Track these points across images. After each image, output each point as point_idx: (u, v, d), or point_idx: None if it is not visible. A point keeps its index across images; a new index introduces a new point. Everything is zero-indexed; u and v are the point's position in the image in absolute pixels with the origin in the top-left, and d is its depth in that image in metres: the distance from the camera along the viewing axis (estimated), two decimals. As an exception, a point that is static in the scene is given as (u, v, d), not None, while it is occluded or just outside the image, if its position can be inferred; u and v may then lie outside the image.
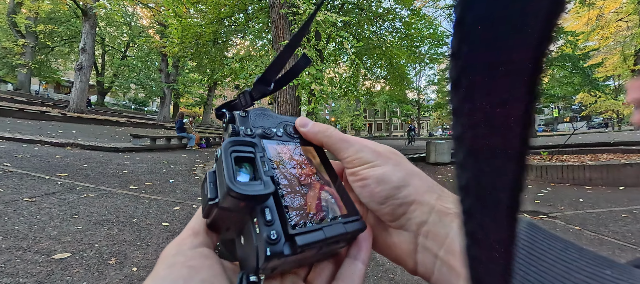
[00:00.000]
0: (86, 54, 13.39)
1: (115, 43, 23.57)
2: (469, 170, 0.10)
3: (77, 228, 2.27)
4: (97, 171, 4.21)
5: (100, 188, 3.39)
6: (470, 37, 0.08)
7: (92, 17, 13.43)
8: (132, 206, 2.90)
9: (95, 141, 7.07)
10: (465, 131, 0.09)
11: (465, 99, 0.09)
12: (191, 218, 0.23)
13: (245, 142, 0.22)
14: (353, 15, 9.11)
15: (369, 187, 0.25)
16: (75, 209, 2.64)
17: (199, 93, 28.54)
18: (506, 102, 0.08)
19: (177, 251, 0.20)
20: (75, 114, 12.54)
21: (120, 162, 5.09)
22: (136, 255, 1.94)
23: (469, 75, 0.09)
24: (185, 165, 5.68)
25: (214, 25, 8.37)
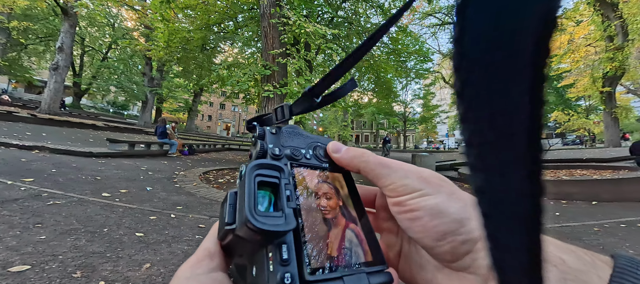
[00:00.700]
0: (63, 54, 12.78)
1: (96, 44, 22.69)
2: (480, 173, 0.10)
3: (40, 237, 2.08)
4: (67, 177, 3.93)
5: (70, 195, 3.16)
6: (469, 53, 0.09)
7: (72, 16, 12.92)
8: (104, 214, 2.71)
9: (67, 144, 6.65)
10: (472, 137, 0.10)
11: (469, 108, 0.10)
12: (205, 237, 0.22)
13: (271, 166, 0.21)
14: (342, 29, 9.34)
15: (421, 221, 0.21)
16: (39, 218, 2.43)
17: (183, 98, 27.86)
18: (510, 108, 0.09)
19: (191, 274, 0.19)
20: (47, 116, 11.80)
21: (94, 168, 4.80)
22: (105, 268, 1.79)
23: (471, 86, 0.09)
24: (165, 172, 5.43)
25: (203, 32, 8.29)
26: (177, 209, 3.20)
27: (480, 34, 0.08)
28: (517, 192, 0.10)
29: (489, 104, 0.09)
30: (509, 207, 0.10)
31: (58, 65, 12.72)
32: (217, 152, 12.51)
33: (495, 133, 0.09)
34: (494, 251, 0.11)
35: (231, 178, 5.70)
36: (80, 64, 23.08)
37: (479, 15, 0.08)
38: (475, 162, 0.10)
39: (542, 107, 0.09)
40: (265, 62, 5.61)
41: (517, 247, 0.10)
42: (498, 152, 0.10)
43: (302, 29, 5.11)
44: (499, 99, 0.09)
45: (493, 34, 0.08)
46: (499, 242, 0.11)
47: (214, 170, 6.49)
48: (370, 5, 9.91)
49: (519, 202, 0.10)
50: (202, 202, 3.62)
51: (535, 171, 0.09)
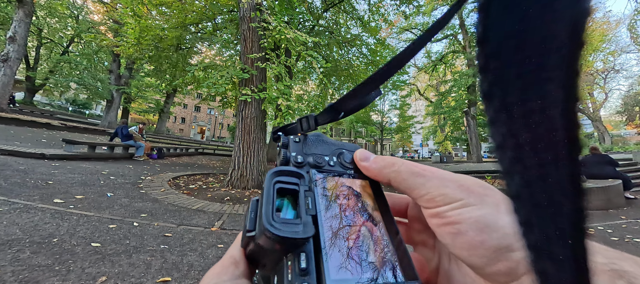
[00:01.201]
0: (15, 44, 11.56)
1: (56, 36, 20.83)
2: (517, 177, 0.09)
3: (-29, 251, 1.81)
4: (11, 181, 3.51)
5: (13, 201, 2.81)
6: (495, 53, 0.08)
7: (28, 4, 11.78)
8: (54, 223, 2.44)
9: (15, 144, 5.96)
10: (505, 139, 0.09)
11: (500, 110, 0.09)
12: (231, 244, 0.22)
13: (291, 172, 0.21)
14: (323, 38, 9.49)
15: (466, 236, 0.19)
16: (-28, 228, 2.13)
17: (154, 99, 26.38)
18: (546, 105, 0.08)
19: (217, 281, 0.19)
20: (-8, 112, 10.52)
21: (45, 171, 4.33)
22: (51, 282, 1.60)
23: (500, 86, 0.09)
24: (129, 177, 5.05)
25: (178, 30, 7.96)
26: (141, 216, 2.98)
27: (509, 30, 0.08)
28: (559, 195, 0.09)
29: (523, 103, 0.08)
30: (552, 212, 0.09)
31: (8, 57, 11.46)
32: (189, 156, 11.92)
33: (531, 132, 0.09)
34: (538, 262, 0.10)
35: (203, 184, 5.44)
36: (36, 57, 20.98)
37: (506, 10, 0.08)
38: (510, 165, 0.09)
39: (577, 102, 0.08)
40: (244, 65, 5.50)
41: (563, 257, 0.09)
42: (536, 153, 0.09)
43: (282, 35, 5.09)
44: (535, 96, 0.08)
45: (524, 27, 0.08)
46: (542, 252, 0.10)
47: (185, 175, 6.17)
48: (350, 16, 10.20)
49: (561, 207, 0.09)
50: (170, 209, 3.40)
51: (576, 171, 0.09)
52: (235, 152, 5.59)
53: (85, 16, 20.60)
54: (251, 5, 5.56)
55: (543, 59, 0.08)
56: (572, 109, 0.08)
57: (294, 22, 7.45)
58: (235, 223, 3.20)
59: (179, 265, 2.02)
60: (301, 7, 7.50)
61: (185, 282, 1.82)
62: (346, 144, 0.27)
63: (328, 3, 9.51)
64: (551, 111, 0.08)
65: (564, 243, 0.09)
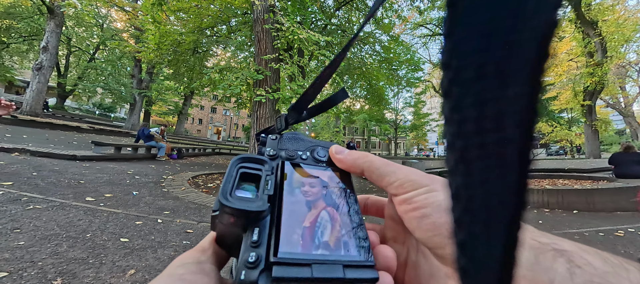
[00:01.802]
0: (48, 54, 12.41)
1: (84, 44, 22.13)
2: (458, 177, 0.10)
3: (18, 243, 1.99)
4: (48, 181, 3.79)
5: (51, 199, 3.04)
6: (461, 48, 0.08)
7: (59, 15, 12.60)
8: (87, 219, 2.62)
9: (49, 147, 6.41)
10: (455, 139, 0.09)
11: (455, 108, 0.09)
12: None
13: (253, 159, 0.22)
14: (336, 36, 9.47)
15: (430, 218, 0.20)
16: (17, 223, 2.33)
17: (173, 101, 27.39)
18: (501, 113, 0.08)
19: (181, 263, 0.20)
20: (28, 117, 11.35)
21: (77, 172, 4.64)
22: (87, 274, 1.73)
23: (460, 85, 0.08)
24: (152, 176, 5.31)
25: (195, 35, 8.23)
26: (164, 214, 3.13)
27: (475, 30, 0.08)
28: (498, 203, 0.09)
29: (479, 107, 0.08)
30: (487, 218, 0.09)
31: (42, 65, 12.32)
32: (206, 156, 12.30)
33: (481, 138, 0.09)
34: (462, 260, 0.10)
35: (221, 183, 5.62)
36: (66, 65, 22.41)
37: (474, 10, 0.07)
38: (455, 166, 0.10)
39: (536, 117, 0.08)
40: (258, 66, 5.62)
41: (490, 262, 0.10)
42: (482, 160, 0.09)
43: (295, 35, 5.15)
44: (491, 102, 0.08)
45: (489, 30, 0.07)
46: (468, 252, 0.10)
47: (203, 174, 6.38)
48: (363, 14, 10.11)
49: (498, 215, 0.09)
50: (190, 207, 3.55)
51: (521, 184, 0.09)
52: (251, 152, 5.72)
53: (109, 24, 21.73)
54: (265, 7, 5.66)
55: (508, 62, 0.08)
56: (530, 120, 0.08)
57: (306, 22, 7.50)
58: (252, 220, 3.29)
59: (200, 260, 2.12)
60: (313, 6, 7.53)
61: (206, 276, 1.91)
62: (322, 142, 0.29)
63: (340, 1, 9.47)
64: (507, 119, 0.08)
65: (495, 248, 0.09)
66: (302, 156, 0.26)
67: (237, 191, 0.20)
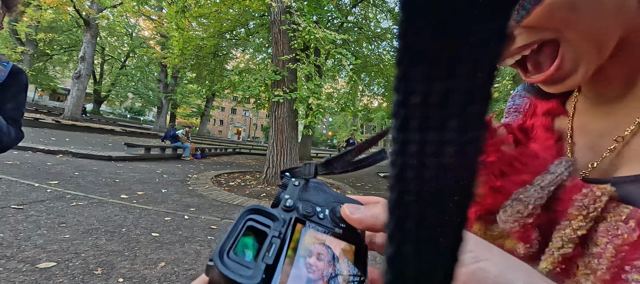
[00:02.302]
0: (85, 63, 13.46)
1: (116, 53, 23.78)
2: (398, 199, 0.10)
3: (64, 236, 2.20)
4: (88, 180, 4.13)
5: (91, 197, 3.32)
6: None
7: (93, 27, 13.61)
8: (122, 215, 2.84)
9: (88, 149, 6.97)
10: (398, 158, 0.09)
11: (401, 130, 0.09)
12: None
13: (265, 212, 0.20)
14: (352, 34, 9.41)
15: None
16: (63, 218, 2.57)
17: (196, 104, 28.61)
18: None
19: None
20: (70, 122, 12.41)
21: (113, 171, 5.01)
22: (123, 266, 1.88)
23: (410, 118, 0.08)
24: (178, 175, 5.60)
25: (215, 39, 8.55)
26: (190, 210, 3.30)
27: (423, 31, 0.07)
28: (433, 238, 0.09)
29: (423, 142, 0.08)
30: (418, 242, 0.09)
31: (80, 74, 13.39)
32: (228, 156, 12.74)
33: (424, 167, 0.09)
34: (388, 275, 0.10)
35: (241, 182, 5.81)
36: (100, 72, 24.20)
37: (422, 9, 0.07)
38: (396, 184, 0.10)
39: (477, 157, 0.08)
40: (276, 67, 5.72)
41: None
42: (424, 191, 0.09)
43: (311, 35, 5.19)
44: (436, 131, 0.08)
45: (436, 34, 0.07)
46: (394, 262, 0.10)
47: (225, 173, 6.63)
48: (380, 10, 9.94)
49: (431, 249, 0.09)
50: (213, 204, 3.71)
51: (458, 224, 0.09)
52: (270, 151, 5.85)
53: (137, 33, 23.15)
54: (281, 8, 5.76)
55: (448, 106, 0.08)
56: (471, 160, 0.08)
57: (322, 21, 7.52)
58: (271, 218, 3.38)
59: (223, 255, 2.22)
60: (329, 5, 7.53)
61: (229, 270, 2.00)
62: (346, 197, 0.25)
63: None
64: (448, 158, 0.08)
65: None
66: (319, 215, 0.23)
67: (236, 250, 0.17)
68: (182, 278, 1.83)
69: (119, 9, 10.19)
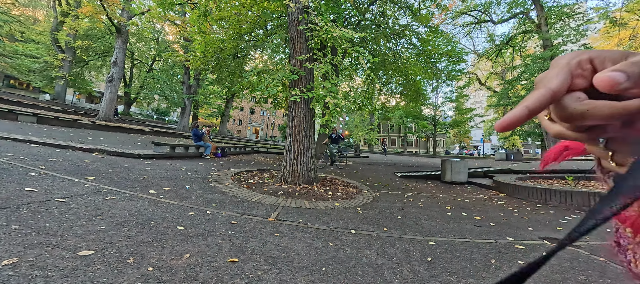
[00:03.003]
0: (117, 67, 14.38)
1: (143, 57, 25.20)
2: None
3: (100, 227, 2.39)
4: (120, 176, 4.43)
5: (123, 191, 3.56)
6: None
7: (124, 33, 14.51)
8: (150, 209, 3.02)
9: (120, 147, 7.46)
10: None
11: None
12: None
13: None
14: (369, 32, 9.29)
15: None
16: (99, 210, 2.78)
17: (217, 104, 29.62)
18: None
19: None
20: (104, 123, 13.34)
21: (142, 168, 5.33)
22: (152, 256, 2.01)
23: None
24: (201, 173, 5.85)
25: (235, 41, 8.80)
26: (212, 206, 3.45)
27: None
28: None
29: None
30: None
31: (113, 78, 14.33)
32: (246, 154, 13.09)
33: None
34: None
35: (260, 179, 5.95)
36: (130, 76, 25.76)
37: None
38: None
39: None
40: (293, 67, 5.81)
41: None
42: None
43: (329, 34, 5.21)
44: None
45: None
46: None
47: (244, 171, 6.83)
48: (398, 6, 9.74)
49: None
50: (234, 200, 3.84)
51: None
52: (287, 150, 5.95)
53: (163, 37, 24.36)
54: (299, 8, 5.83)
55: None
56: None
57: (339, 19, 7.50)
58: (288, 215, 3.44)
59: (243, 248, 2.30)
60: (346, 3, 7.50)
61: (249, 264, 2.07)
62: None
63: (374, -4, 9.25)
64: None
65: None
66: None
67: None
68: (205, 269, 1.93)
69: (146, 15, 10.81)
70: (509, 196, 6.18)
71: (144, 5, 9.74)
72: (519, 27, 17.58)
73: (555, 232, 3.44)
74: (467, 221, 3.91)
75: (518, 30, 17.59)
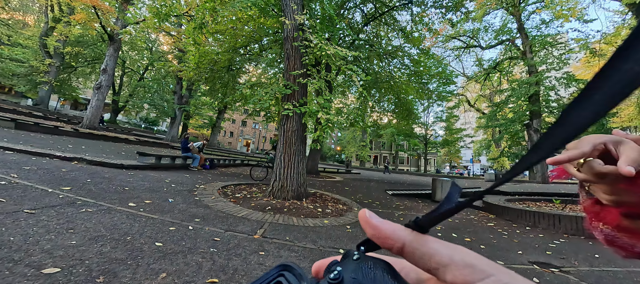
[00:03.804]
0: (107, 75, 14.13)
1: (135, 66, 24.96)
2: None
3: (71, 242, 2.21)
4: (99, 187, 4.20)
5: (100, 204, 3.36)
6: None
7: (117, 41, 14.39)
8: (128, 223, 2.84)
9: (102, 156, 7.16)
10: None
11: None
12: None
13: (296, 273, 0.20)
14: (363, 51, 9.55)
15: None
16: (72, 224, 2.59)
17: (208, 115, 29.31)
18: None
19: None
20: (87, 130, 12.90)
21: (124, 179, 5.10)
22: (125, 275, 1.85)
23: None
24: (186, 185, 5.64)
25: (230, 54, 8.84)
26: (195, 221, 3.28)
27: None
28: None
29: None
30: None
31: (101, 85, 14.03)
32: (236, 167, 12.82)
33: None
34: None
35: (248, 193, 5.78)
36: (120, 84, 25.33)
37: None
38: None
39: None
40: (287, 82, 5.83)
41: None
42: None
43: (323, 51, 5.30)
44: None
45: None
46: None
47: (232, 185, 6.63)
48: (391, 28, 10.10)
49: None
50: (219, 215, 3.68)
51: None
52: (277, 164, 5.84)
53: (157, 47, 24.32)
54: (294, 26, 5.94)
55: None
56: None
57: (334, 38, 7.69)
58: (275, 232, 3.31)
59: (225, 268, 2.16)
60: (341, 23, 7.72)
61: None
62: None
63: (368, 17, 9.58)
64: None
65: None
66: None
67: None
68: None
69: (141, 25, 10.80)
70: (498, 217, 6.21)
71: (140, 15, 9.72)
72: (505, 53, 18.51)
73: (544, 256, 3.43)
74: (457, 242, 3.86)
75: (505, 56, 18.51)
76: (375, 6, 9.26)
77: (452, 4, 8.57)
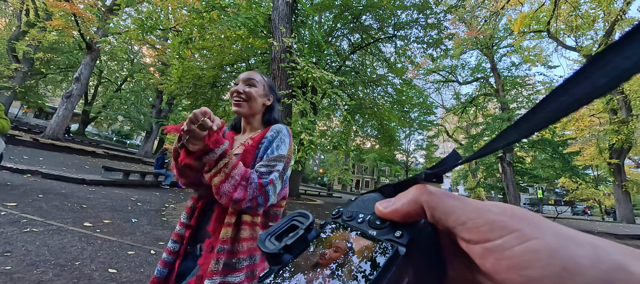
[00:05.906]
0: (79, 84, 13.36)
1: (113, 76, 23.94)
2: None
3: (4, 268, 1.85)
4: (52, 204, 3.72)
5: (49, 223, 2.93)
6: None
7: (95, 50, 13.84)
8: (79, 246, 2.47)
9: (62, 170, 6.50)
10: None
11: None
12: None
13: (303, 214, 0.24)
14: (349, 77, 9.83)
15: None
16: (10, 246, 2.20)
17: (187, 133, 28.26)
18: None
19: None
20: (49, 141, 11.83)
21: (82, 196, 4.58)
22: (65, 312, 1.53)
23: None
24: (154, 204, 5.17)
25: (215, 70, 8.72)
26: (159, 244, 2.93)
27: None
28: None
29: None
30: None
31: (72, 94, 13.19)
32: (213, 188, 12.18)
33: None
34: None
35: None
36: (94, 94, 24.02)
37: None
38: None
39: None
40: (271, 101, 5.75)
41: None
42: None
43: (309, 74, 5.34)
44: None
45: None
46: None
47: (208, 206, 6.20)
48: (376, 58, 10.58)
49: None
50: (190, 240, 3.34)
51: None
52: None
53: (139, 59, 23.66)
54: (282, 47, 6.00)
55: None
56: None
57: (321, 63, 7.87)
58: (252, 259, 3.03)
59: (191, 303, 1.88)
60: (329, 49, 7.95)
61: (195, 323, 1.66)
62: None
63: (355, 46, 10.00)
64: None
65: None
66: (357, 219, 0.23)
67: (273, 239, 0.22)
68: (135, 331, 1.50)
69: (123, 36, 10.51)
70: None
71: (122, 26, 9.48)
72: (480, 89, 19.91)
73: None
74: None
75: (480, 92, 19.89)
76: (361, 37, 9.72)
77: (433, 41, 9.20)
